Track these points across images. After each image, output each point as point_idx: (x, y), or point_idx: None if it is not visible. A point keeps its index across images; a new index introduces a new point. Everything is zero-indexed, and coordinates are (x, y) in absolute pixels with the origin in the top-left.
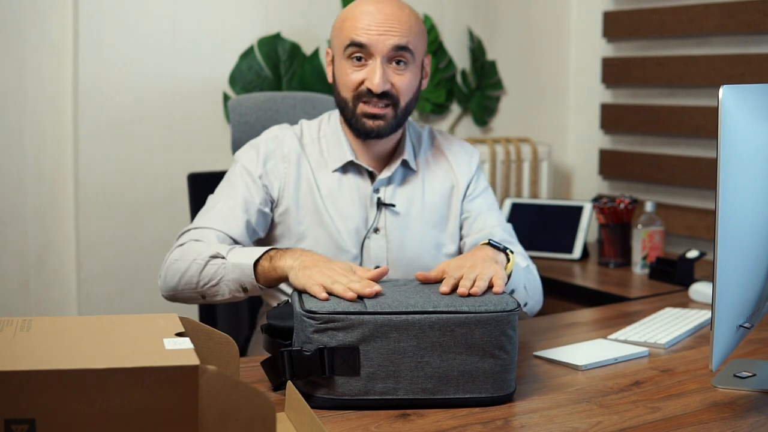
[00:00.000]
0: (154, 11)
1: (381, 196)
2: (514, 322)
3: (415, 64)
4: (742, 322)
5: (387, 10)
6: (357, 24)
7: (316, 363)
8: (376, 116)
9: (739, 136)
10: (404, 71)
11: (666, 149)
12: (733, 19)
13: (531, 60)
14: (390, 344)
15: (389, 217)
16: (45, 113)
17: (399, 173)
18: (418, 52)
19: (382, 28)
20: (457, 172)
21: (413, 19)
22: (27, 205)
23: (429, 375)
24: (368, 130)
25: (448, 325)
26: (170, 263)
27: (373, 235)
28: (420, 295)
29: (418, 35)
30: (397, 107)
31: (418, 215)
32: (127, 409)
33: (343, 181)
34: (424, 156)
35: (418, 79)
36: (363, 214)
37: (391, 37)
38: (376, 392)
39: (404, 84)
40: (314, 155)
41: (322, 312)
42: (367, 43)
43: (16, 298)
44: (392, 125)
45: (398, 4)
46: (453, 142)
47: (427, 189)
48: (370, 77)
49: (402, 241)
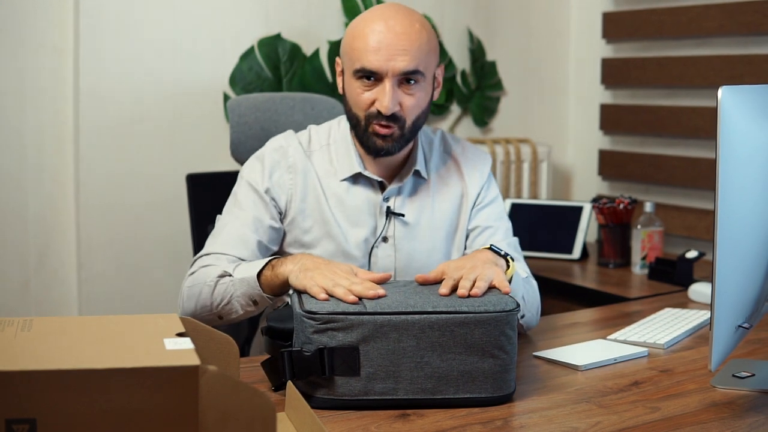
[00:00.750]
0: (154, 12)
1: (390, 205)
2: (514, 322)
3: (427, 81)
4: (741, 323)
5: (398, 28)
6: (367, 47)
7: (316, 363)
8: (384, 136)
9: (739, 137)
10: (414, 91)
11: (665, 150)
12: (732, 20)
13: (531, 61)
14: (390, 344)
15: (398, 226)
16: (45, 114)
17: (409, 183)
18: (430, 69)
19: (392, 51)
20: (467, 180)
21: (424, 36)
22: (27, 206)
23: (429, 375)
24: (378, 148)
25: (448, 325)
26: (185, 291)
27: (382, 244)
28: (419, 295)
29: (429, 53)
30: (404, 127)
31: (427, 224)
32: (127, 409)
33: (352, 190)
34: (435, 163)
35: (429, 94)
36: (372, 223)
37: (402, 62)
38: (375, 392)
39: (413, 103)
40: (323, 163)
41: (321, 312)
42: (377, 70)
43: (16, 298)
44: (400, 143)
45: (409, 20)
46: (466, 148)
47: (437, 198)
48: (381, 99)
49: (410, 251)
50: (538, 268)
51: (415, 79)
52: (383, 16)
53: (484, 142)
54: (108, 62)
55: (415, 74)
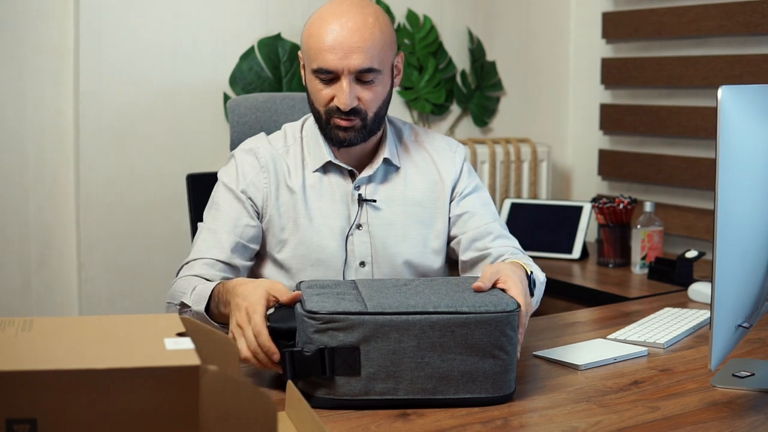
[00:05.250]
0: (154, 12)
1: (362, 192)
2: (514, 323)
3: (384, 74)
4: (740, 322)
5: (350, 24)
6: (323, 46)
7: (317, 363)
8: (346, 128)
9: (738, 137)
10: (372, 85)
11: (665, 150)
12: (731, 20)
13: (530, 61)
14: (390, 344)
15: (371, 212)
16: (46, 114)
17: (380, 171)
18: (386, 62)
19: (347, 48)
20: (440, 167)
21: (377, 31)
22: (28, 206)
23: (429, 375)
24: (340, 139)
25: (449, 325)
26: (166, 300)
27: (356, 231)
28: (420, 295)
29: (384, 46)
30: (366, 118)
31: (400, 210)
32: (128, 408)
33: (324, 180)
34: (405, 153)
35: (387, 86)
36: (345, 212)
37: (356, 59)
38: (376, 392)
39: (371, 97)
40: (296, 155)
41: (322, 312)
42: (333, 69)
43: (17, 299)
44: (363, 134)
45: (361, 16)
46: (435, 137)
47: (409, 185)
48: (339, 95)
49: (385, 237)
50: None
51: (372, 77)
52: (336, 13)
53: (484, 142)
54: (108, 63)
55: (370, 72)
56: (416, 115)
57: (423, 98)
